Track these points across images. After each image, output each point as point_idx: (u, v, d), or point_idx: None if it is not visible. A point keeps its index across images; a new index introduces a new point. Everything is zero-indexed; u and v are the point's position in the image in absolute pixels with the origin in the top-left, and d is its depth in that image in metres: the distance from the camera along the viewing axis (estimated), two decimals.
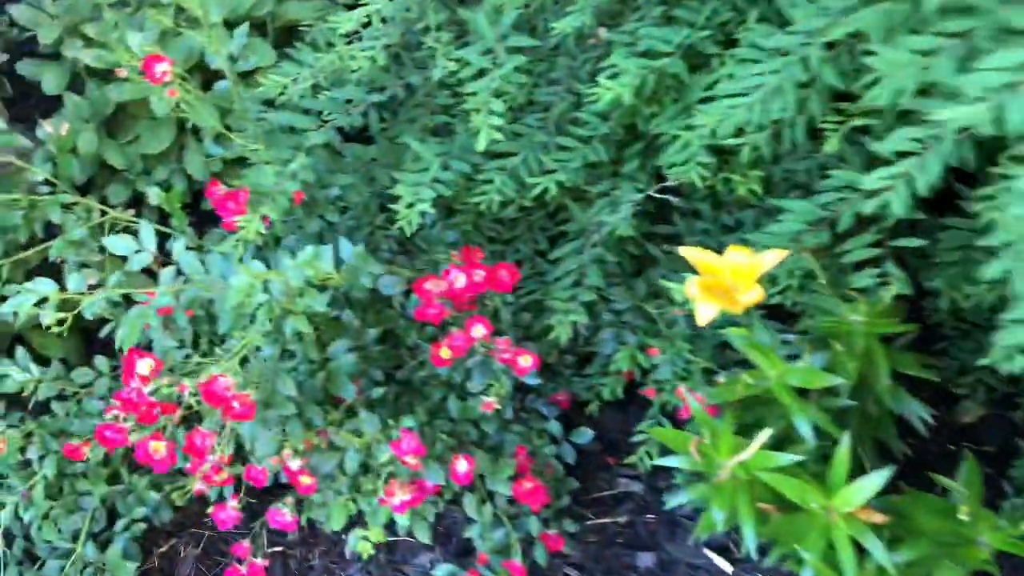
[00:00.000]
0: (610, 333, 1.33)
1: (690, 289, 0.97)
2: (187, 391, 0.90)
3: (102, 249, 1.49)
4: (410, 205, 1.22)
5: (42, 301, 0.90)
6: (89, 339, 1.53)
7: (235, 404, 0.90)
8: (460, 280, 1.11)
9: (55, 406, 1.31)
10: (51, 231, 1.43)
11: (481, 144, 1.18)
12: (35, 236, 1.41)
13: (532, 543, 1.20)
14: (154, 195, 1.39)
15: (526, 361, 1.13)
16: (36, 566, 1.24)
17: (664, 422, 1.31)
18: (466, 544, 1.33)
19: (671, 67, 1.23)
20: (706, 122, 1.09)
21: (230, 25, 1.68)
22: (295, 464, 1.07)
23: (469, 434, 1.21)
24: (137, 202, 1.94)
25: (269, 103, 1.41)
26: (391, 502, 1.06)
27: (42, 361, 1.43)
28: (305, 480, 1.07)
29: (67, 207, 1.35)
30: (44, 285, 0.91)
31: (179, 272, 1.11)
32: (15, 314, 1.36)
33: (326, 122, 1.33)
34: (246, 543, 1.19)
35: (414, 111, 1.51)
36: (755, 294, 0.95)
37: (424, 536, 1.12)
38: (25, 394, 1.26)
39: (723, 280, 0.98)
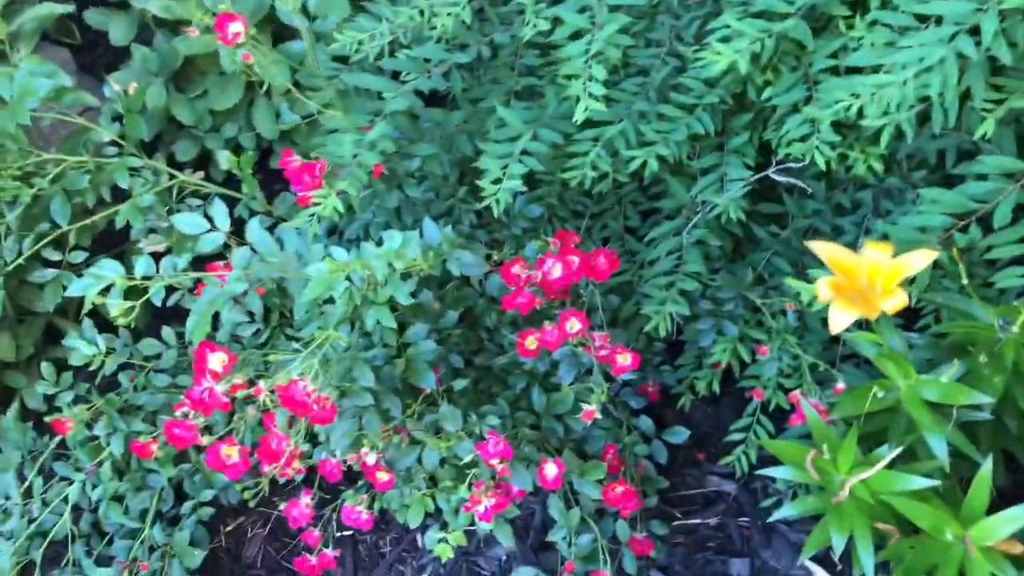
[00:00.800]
0: (708, 323, 1.22)
1: (822, 291, 0.85)
2: (263, 394, 0.83)
3: (171, 212, 1.44)
4: (497, 180, 1.11)
5: (107, 288, 0.83)
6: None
7: (315, 407, 0.82)
8: (556, 270, 1.01)
9: (121, 377, 1.26)
10: (118, 193, 1.37)
11: (579, 114, 1.07)
12: (101, 199, 1.35)
13: (619, 548, 1.12)
14: (224, 159, 1.32)
15: (625, 360, 1.03)
16: (104, 541, 1.21)
17: (764, 421, 1.20)
18: (541, 538, 1.26)
19: (793, 31, 1.09)
20: (848, 101, 0.96)
21: None
22: (372, 459, 1.00)
23: (555, 430, 1.12)
24: (204, 161, 1.87)
25: (341, 60, 1.31)
26: (477, 510, 0.98)
27: (109, 327, 1.38)
28: (382, 476, 1.00)
29: (135, 170, 1.28)
30: (109, 270, 0.84)
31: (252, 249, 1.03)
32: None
33: (404, 84, 1.23)
34: (316, 532, 1.13)
35: (498, 72, 1.39)
36: (898, 300, 0.83)
37: (506, 539, 1.04)
38: (92, 368, 1.21)
39: (859, 281, 0.86)
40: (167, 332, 1.29)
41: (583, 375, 1.13)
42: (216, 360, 0.84)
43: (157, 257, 1.52)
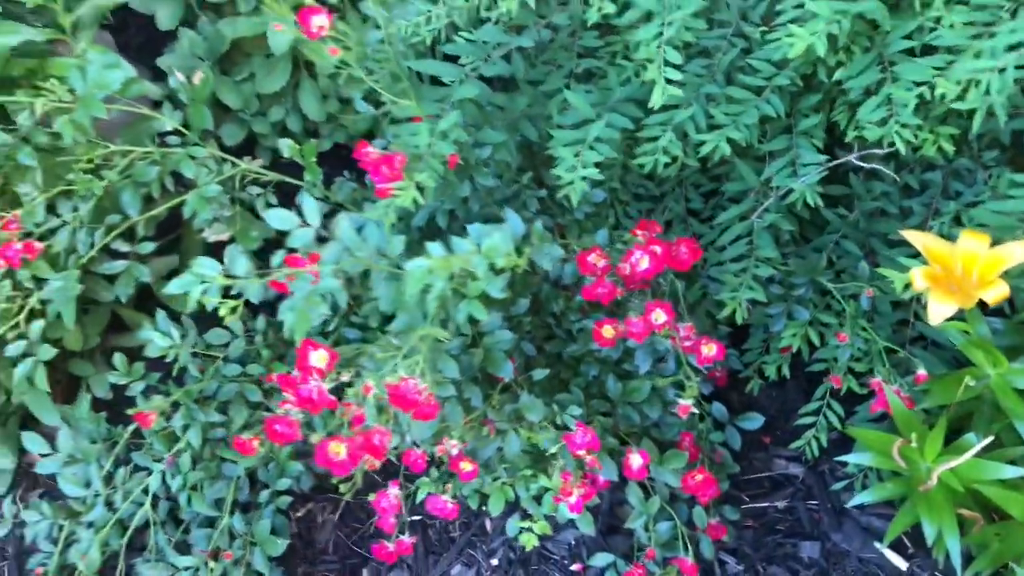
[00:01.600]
0: (779, 307, 1.21)
1: (918, 281, 0.85)
2: (372, 392, 0.83)
3: (233, 201, 1.44)
4: (571, 168, 1.11)
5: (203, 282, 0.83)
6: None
7: (423, 405, 0.83)
8: (644, 262, 1.00)
9: (191, 366, 1.27)
10: (179, 182, 1.37)
11: (657, 100, 1.06)
12: (164, 188, 1.35)
13: (694, 533, 1.13)
14: (286, 147, 1.31)
15: (710, 350, 1.03)
16: (180, 529, 1.23)
17: (834, 405, 1.20)
18: (609, 522, 1.27)
19: (871, 11, 1.07)
20: (944, 88, 0.94)
21: None
22: (455, 449, 1.00)
23: (630, 418, 1.13)
24: (250, 144, 1.87)
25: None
26: (568, 501, 0.99)
27: (171, 315, 1.39)
28: (466, 466, 1.01)
29: (198, 160, 1.28)
30: (209, 268, 0.85)
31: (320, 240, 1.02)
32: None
33: (469, 70, 1.22)
34: (392, 519, 1.14)
35: (556, 54, 1.37)
36: (999, 291, 0.83)
37: (588, 527, 1.05)
38: (167, 360, 1.22)
39: (955, 271, 0.86)
40: (257, 292, 1.29)
41: (657, 362, 1.13)
42: (318, 358, 0.84)
43: (220, 246, 1.54)
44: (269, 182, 1.42)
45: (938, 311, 0.82)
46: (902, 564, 1.17)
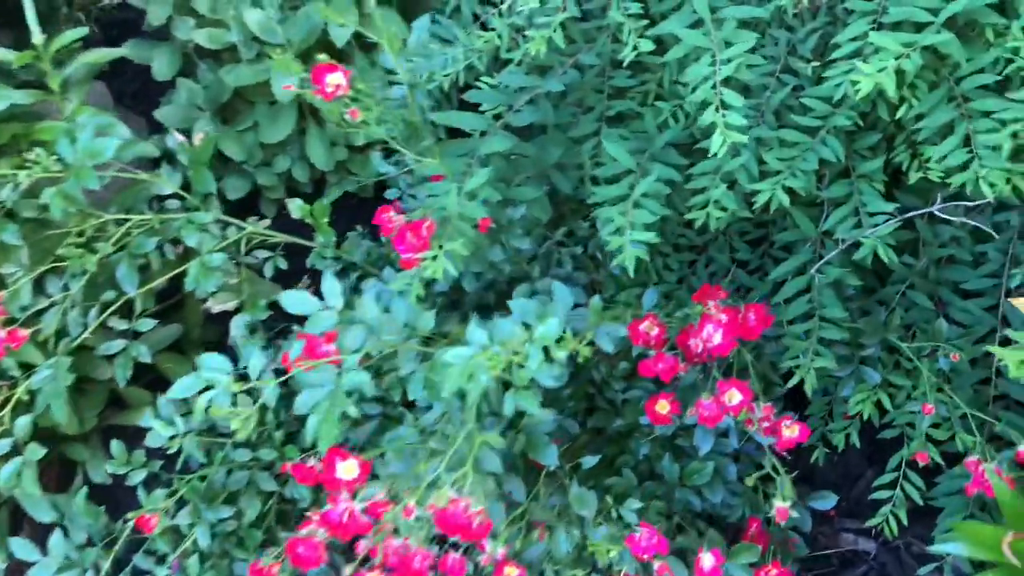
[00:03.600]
0: (847, 369, 1.10)
1: None
2: (414, 515, 0.72)
3: (239, 265, 1.33)
4: (618, 231, 0.99)
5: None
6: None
7: (475, 525, 0.71)
8: (716, 338, 0.89)
9: (195, 451, 1.16)
10: (178, 244, 1.26)
11: (718, 148, 0.95)
12: (162, 254, 1.24)
13: None
14: (296, 208, 1.21)
15: (792, 432, 0.92)
16: None
17: (913, 477, 1.08)
18: None
19: (943, 44, 0.97)
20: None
21: None
22: (499, 552, 0.88)
23: (689, 503, 1.01)
24: (255, 196, 1.77)
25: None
26: None
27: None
28: (512, 572, 0.89)
29: (202, 227, 1.17)
30: (217, 367, 0.73)
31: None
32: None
33: (495, 119, 1.11)
34: None
35: (584, 95, 1.26)
36: None
37: None
38: (171, 451, 1.11)
39: None
40: (274, 395, 1.17)
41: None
42: (347, 469, 0.73)
43: (218, 317, 1.43)
44: (277, 244, 1.32)
45: None
46: None
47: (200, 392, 0.74)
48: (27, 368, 1.09)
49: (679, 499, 1.01)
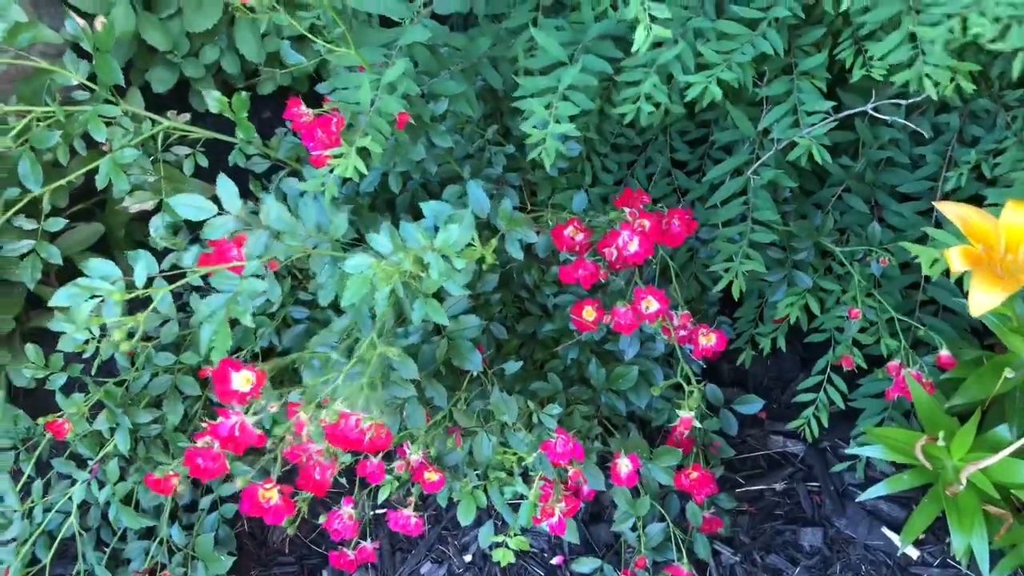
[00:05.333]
0: (778, 274, 1.08)
1: (955, 262, 0.72)
2: (305, 432, 0.69)
3: (156, 163, 1.26)
4: (542, 124, 0.95)
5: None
6: None
7: (367, 441, 0.69)
8: (633, 245, 0.86)
9: (118, 356, 1.12)
10: (92, 142, 1.19)
11: (641, 42, 0.89)
12: (73, 151, 1.17)
13: (687, 531, 1.02)
14: (213, 100, 1.13)
15: (709, 341, 0.90)
16: (117, 537, 1.09)
17: (836, 380, 1.08)
18: (593, 510, 1.16)
19: None
20: (978, 27, 0.79)
21: None
22: (416, 457, 0.87)
23: (615, 407, 1.00)
24: (182, 89, 1.68)
25: None
26: (550, 522, 0.87)
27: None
28: (431, 476, 0.88)
29: (110, 120, 1.10)
30: (101, 274, 0.69)
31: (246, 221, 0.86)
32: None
33: (421, 6, 1.04)
34: (348, 516, 1.00)
35: None
36: None
37: (573, 537, 0.94)
38: (86, 355, 1.07)
39: (999, 250, 0.72)
40: (166, 303, 1.14)
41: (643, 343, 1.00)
42: (242, 380, 0.70)
43: (146, 217, 1.37)
44: (198, 140, 1.25)
45: (982, 301, 0.69)
46: (912, 552, 1.08)
47: (87, 300, 0.70)
48: None
49: (606, 403, 1.01)
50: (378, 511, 1.19)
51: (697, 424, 0.92)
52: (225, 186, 0.76)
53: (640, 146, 1.27)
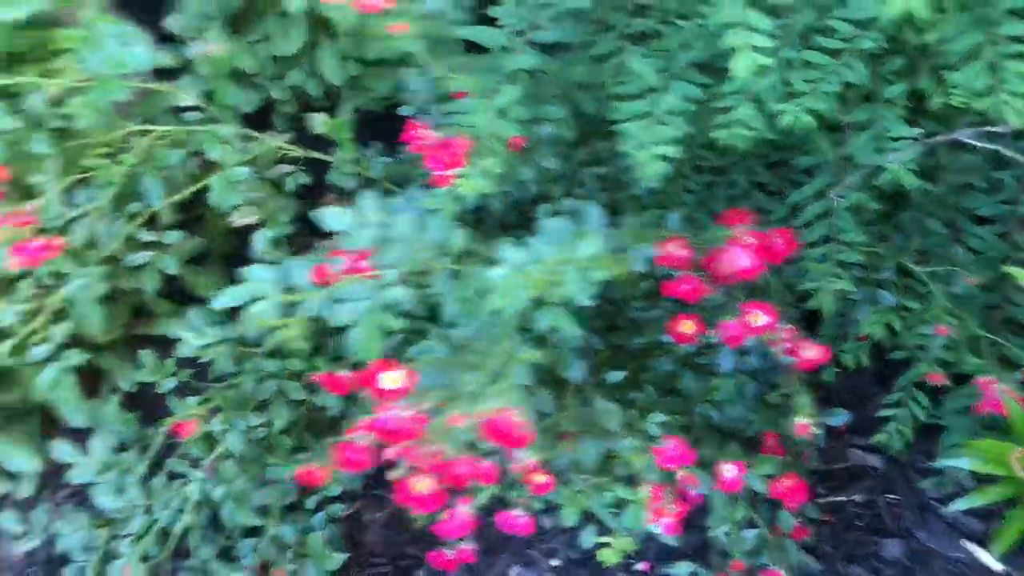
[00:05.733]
0: (861, 293, 1.12)
1: None
2: (464, 423, 0.75)
3: (261, 181, 1.33)
4: (640, 145, 1.00)
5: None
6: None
7: (515, 435, 0.74)
8: (743, 261, 0.91)
9: (221, 361, 1.18)
10: (198, 157, 1.26)
11: (742, 70, 0.95)
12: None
13: (778, 537, 1.06)
14: (319, 123, 1.20)
15: (811, 353, 0.95)
16: (225, 536, 1.15)
17: (919, 397, 1.12)
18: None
19: None
20: None
21: None
22: (529, 459, 0.92)
23: (710, 417, 1.05)
24: (267, 111, 1.75)
25: None
26: (663, 523, 0.91)
27: (194, 300, 1.30)
28: (540, 479, 0.93)
29: (224, 140, 1.17)
30: (262, 278, 0.75)
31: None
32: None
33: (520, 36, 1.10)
34: (464, 515, 1.04)
35: (608, 13, 1.25)
36: None
37: (675, 541, 0.98)
38: (202, 359, 1.13)
39: None
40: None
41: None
42: (392, 379, 0.75)
43: (244, 229, 1.44)
44: (298, 159, 1.32)
45: None
46: (997, 566, 1.11)
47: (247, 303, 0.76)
48: (59, 277, 1.10)
49: (699, 414, 1.05)
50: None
51: (815, 430, 0.96)
52: (370, 202, 0.82)
53: (721, 168, 1.31)
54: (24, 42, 1.11)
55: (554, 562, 1.21)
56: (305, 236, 1.29)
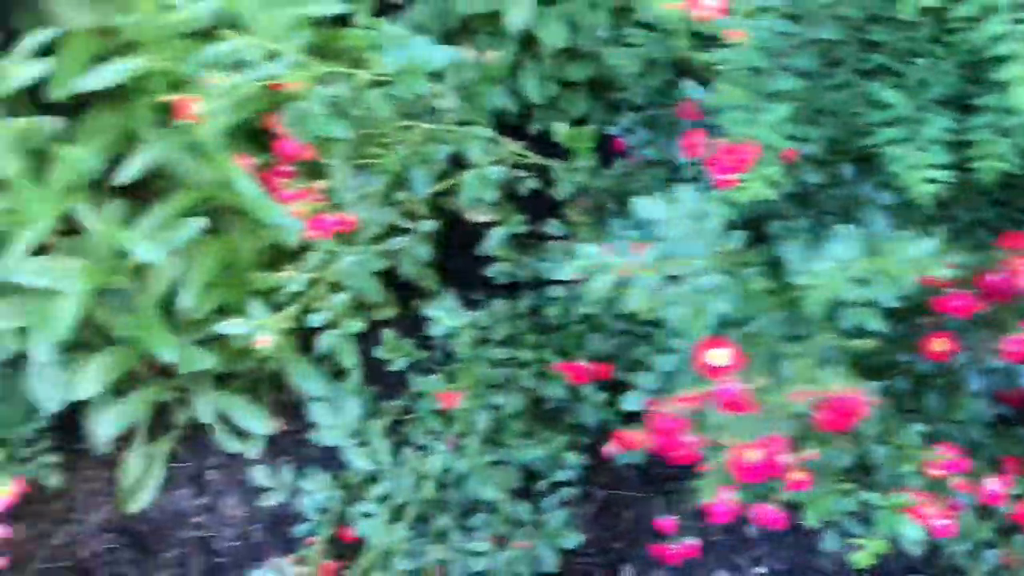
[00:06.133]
0: None
1: None
2: (804, 400, 0.80)
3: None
4: (911, 167, 1.05)
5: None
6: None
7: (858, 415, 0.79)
8: None
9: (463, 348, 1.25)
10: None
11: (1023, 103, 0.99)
12: None
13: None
14: (560, 133, 1.29)
15: None
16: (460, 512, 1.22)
17: None
18: None
19: None
20: None
21: None
22: (789, 457, 0.96)
23: (951, 435, 1.08)
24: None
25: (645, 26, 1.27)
26: (931, 524, 0.94)
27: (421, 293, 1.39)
28: (798, 475, 0.97)
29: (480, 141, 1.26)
30: (592, 253, 0.82)
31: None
32: None
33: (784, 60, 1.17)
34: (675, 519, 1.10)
35: (839, 48, 1.31)
36: None
37: (916, 549, 1.01)
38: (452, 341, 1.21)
39: None
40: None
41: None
42: (719, 356, 0.81)
43: (484, 227, 1.53)
44: (531, 164, 1.40)
45: None
46: None
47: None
48: (330, 254, 1.20)
49: (943, 432, 1.08)
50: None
51: None
52: (685, 192, 0.89)
53: (942, 203, 1.34)
54: (319, 39, 1.22)
55: (760, 569, 1.24)
56: (533, 238, 1.38)
